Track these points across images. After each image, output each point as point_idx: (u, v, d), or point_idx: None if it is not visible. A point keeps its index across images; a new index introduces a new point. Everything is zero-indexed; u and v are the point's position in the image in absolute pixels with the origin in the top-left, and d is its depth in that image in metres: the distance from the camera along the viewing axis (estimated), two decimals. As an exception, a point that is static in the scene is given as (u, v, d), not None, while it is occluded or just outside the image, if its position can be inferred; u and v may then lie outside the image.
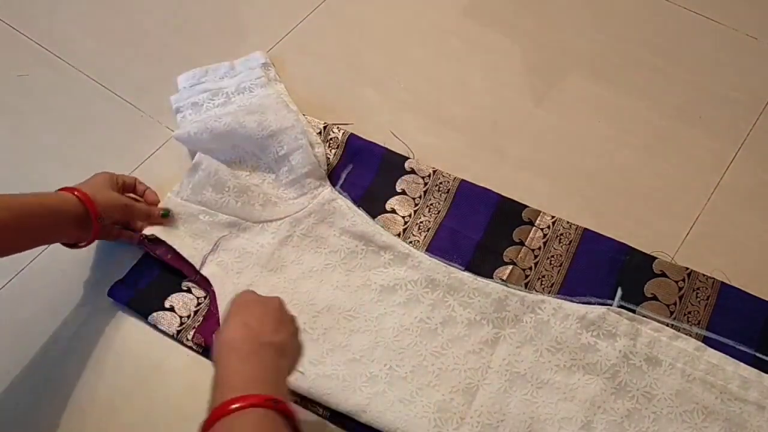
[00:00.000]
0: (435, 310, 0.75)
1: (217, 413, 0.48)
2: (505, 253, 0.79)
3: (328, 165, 0.86)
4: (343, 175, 0.85)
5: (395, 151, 0.86)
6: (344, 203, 0.81)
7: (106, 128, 0.92)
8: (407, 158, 0.86)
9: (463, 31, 1.00)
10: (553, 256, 0.78)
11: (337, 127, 0.88)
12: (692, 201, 0.83)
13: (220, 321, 0.70)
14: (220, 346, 0.55)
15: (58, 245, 0.78)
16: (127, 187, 0.81)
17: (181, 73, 0.94)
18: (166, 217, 0.80)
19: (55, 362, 0.75)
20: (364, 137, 0.88)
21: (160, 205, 0.82)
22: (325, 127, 0.88)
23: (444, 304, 0.75)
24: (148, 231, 0.79)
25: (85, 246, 0.75)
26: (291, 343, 0.58)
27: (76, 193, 0.72)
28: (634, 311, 0.74)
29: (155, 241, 0.78)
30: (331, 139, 0.88)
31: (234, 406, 0.48)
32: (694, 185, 0.85)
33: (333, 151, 0.87)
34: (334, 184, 0.84)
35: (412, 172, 0.85)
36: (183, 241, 0.79)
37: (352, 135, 0.87)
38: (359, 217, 0.80)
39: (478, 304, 0.74)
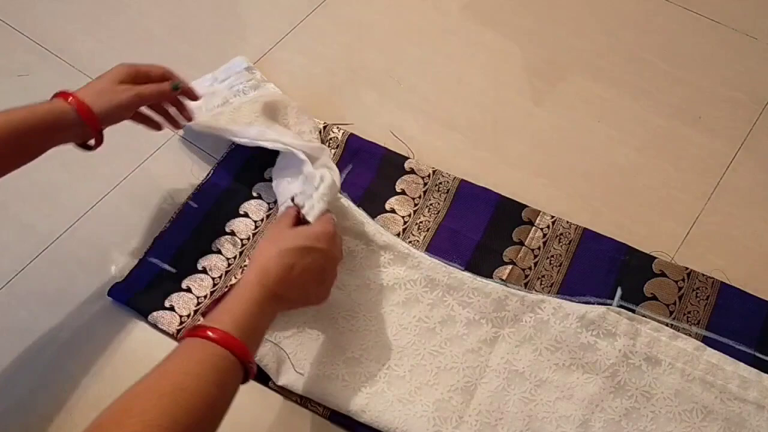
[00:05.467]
0: (434, 309, 0.75)
1: (196, 331, 0.55)
2: (504, 253, 0.79)
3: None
4: (343, 175, 0.85)
5: (395, 151, 0.87)
6: (344, 203, 0.81)
7: (106, 128, 0.92)
8: (407, 158, 0.86)
9: (463, 31, 1.00)
10: (552, 256, 0.78)
11: (337, 127, 0.88)
12: (692, 201, 0.83)
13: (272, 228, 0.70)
14: (256, 263, 0.62)
15: (57, 252, 0.78)
16: (153, 78, 0.75)
17: (181, 73, 0.94)
18: (177, 90, 0.76)
19: (54, 362, 0.75)
20: (364, 137, 0.88)
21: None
22: (324, 127, 0.88)
23: (443, 304, 0.75)
24: (193, 124, 0.80)
25: (95, 148, 0.72)
26: (310, 300, 0.67)
27: (70, 99, 0.67)
28: (633, 311, 0.74)
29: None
30: (330, 139, 0.88)
31: (210, 334, 0.55)
32: (694, 185, 0.85)
33: (333, 151, 0.87)
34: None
35: (412, 172, 0.85)
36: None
37: (352, 135, 0.88)
38: (359, 217, 0.80)
39: (477, 304, 0.74)
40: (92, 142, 0.72)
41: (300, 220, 0.69)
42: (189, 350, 0.55)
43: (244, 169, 0.86)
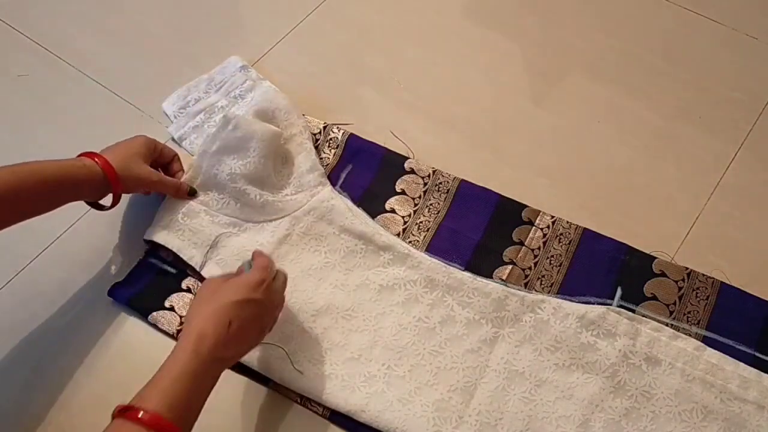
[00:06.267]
0: (434, 309, 0.75)
1: (127, 413, 0.54)
2: (504, 253, 0.79)
3: (327, 165, 0.86)
4: (343, 175, 0.85)
5: (395, 151, 0.87)
6: (343, 203, 0.81)
7: (106, 128, 0.92)
8: (407, 158, 0.86)
9: (463, 31, 1.00)
10: (552, 256, 0.78)
11: (337, 127, 0.88)
12: (692, 201, 0.83)
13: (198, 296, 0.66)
14: (192, 332, 0.59)
15: (57, 252, 0.78)
16: (164, 157, 0.81)
17: (181, 72, 0.95)
18: (193, 196, 0.81)
19: (54, 362, 0.75)
20: (364, 137, 0.88)
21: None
22: (324, 127, 0.88)
23: (443, 304, 0.75)
24: (147, 237, 0.79)
25: (109, 209, 0.76)
26: (250, 348, 0.65)
27: (96, 159, 0.70)
28: (633, 311, 0.74)
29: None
30: (330, 139, 0.88)
31: (141, 415, 0.53)
32: (694, 185, 0.85)
33: (333, 151, 0.87)
34: (333, 184, 0.84)
35: (412, 172, 0.85)
36: (183, 242, 0.79)
37: (351, 135, 0.88)
38: (359, 217, 0.80)
39: (477, 304, 0.74)
40: (107, 202, 0.75)
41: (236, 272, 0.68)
42: None
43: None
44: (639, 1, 1.02)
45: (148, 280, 0.78)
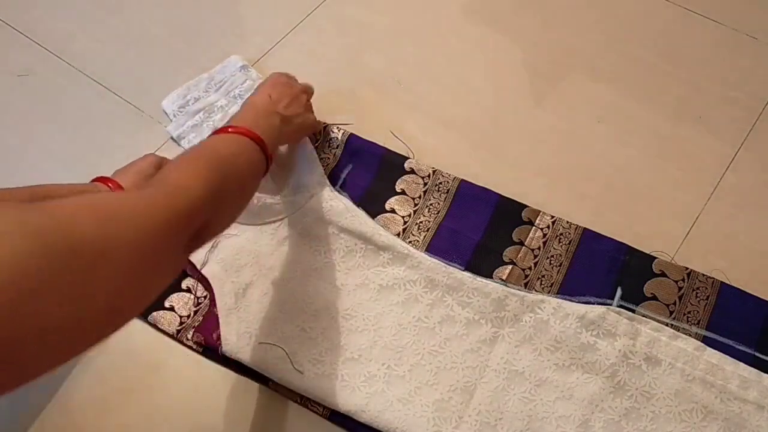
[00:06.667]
0: (433, 309, 0.75)
1: (216, 131, 0.67)
2: (504, 253, 0.79)
3: (327, 165, 0.86)
4: (343, 175, 0.85)
5: (395, 151, 0.87)
6: (342, 203, 0.81)
7: (106, 128, 0.92)
8: (407, 158, 0.86)
9: (463, 31, 1.00)
10: (552, 256, 0.78)
11: (337, 127, 0.88)
12: (692, 201, 0.83)
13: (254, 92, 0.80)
14: (246, 105, 0.74)
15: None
16: None
17: (181, 72, 0.95)
18: None
19: (54, 362, 0.75)
20: (364, 137, 0.88)
21: None
22: (324, 127, 0.88)
23: (443, 304, 0.75)
24: None
25: None
26: (297, 117, 0.79)
27: (110, 185, 0.70)
28: (633, 311, 0.74)
29: None
30: (330, 139, 0.88)
31: (230, 129, 0.66)
32: (694, 185, 0.84)
33: (332, 151, 0.87)
34: (333, 184, 0.84)
35: (412, 172, 0.85)
36: None
37: (351, 135, 0.88)
38: (358, 217, 0.80)
39: (477, 304, 0.74)
40: None
41: None
42: (214, 138, 0.66)
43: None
44: (639, 1, 1.02)
45: (148, 280, 0.78)
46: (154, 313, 0.76)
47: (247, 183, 0.64)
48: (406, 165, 0.85)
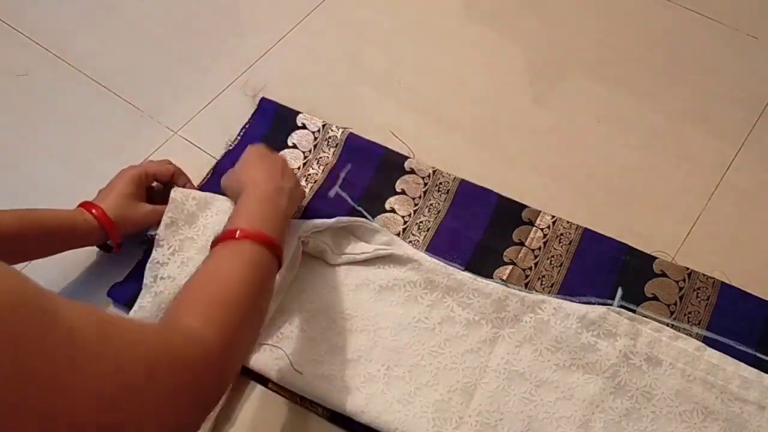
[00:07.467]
0: (433, 310, 0.75)
1: (224, 236, 0.61)
2: (505, 254, 0.79)
3: (327, 164, 0.86)
4: (342, 175, 0.85)
5: (395, 150, 0.86)
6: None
7: (106, 128, 0.92)
8: (407, 158, 0.86)
9: (463, 31, 1.00)
10: (553, 256, 0.78)
11: (336, 126, 0.88)
12: (692, 201, 0.83)
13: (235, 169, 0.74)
14: (246, 184, 0.68)
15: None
16: (162, 177, 0.80)
17: (181, 72, 0.95)
18: None
19: (54, 362, 0.75)
20: (363, 137, 0.87)
21: None
22: (324, 126, 0.88)
23: (443, 305, 0.75)
24: (152, 231, 0.78)
25: (116, 253, 0.77)
26: (295, 189, 0.73)
27: (94, 211, 0.72)
28: (634, 311, 0.74)
29: None
30: (329, 137, 0.88)
31: (237, 234, 0.60)
32: (694, 185, 0.84)
33: (332, 150, 0.87)
34: (332, 184, 0.84)
35: (412, 172, 0.85)
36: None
37: (351, 134, 0.87)
38: (358, 217, 0.80)
39: (477, 305, 0.74)
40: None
41: None
42: (223, 252, 0.60)
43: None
44: (639, 1, 1.01)
45: (147, 280, 0.78)
46: (154, 314, 0.76)
47: (263, 307, 0.60)
48: (406, 165, 0.85)
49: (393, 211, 0.82)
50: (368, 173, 0.85)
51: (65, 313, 0.39)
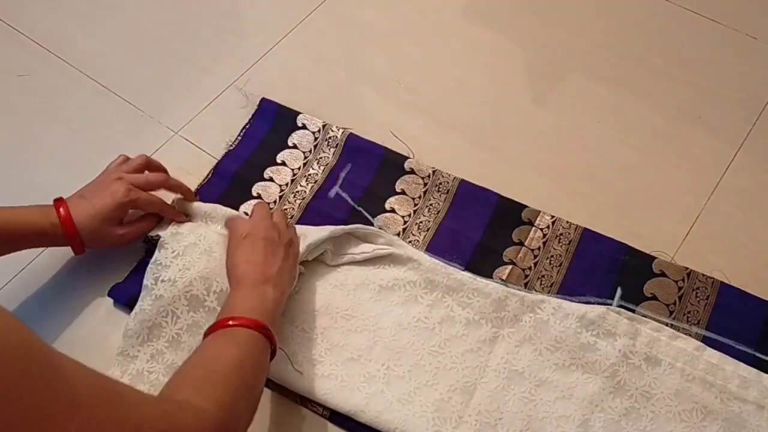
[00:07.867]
0: (433, 310, 0.75)
1: (217, 326, 0.62)
2: (504, 253, 0.79)
3: (327, 164, 0.86)
4: (342, 175, 0.85)
5: (395, 150, 0.86)
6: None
7: (106, 128, 0.92)
8: (407, 158, 0.86)
9: (463, 31, 1.00)
10: (552, 256, 0.78)
11: (336, 126, 0.88)
12: (692, 201, 0.83)
13: (227, 252, 0.73)
14: (235, 276, 0.68)
15: (57, 252, 0.78)
16: (151, 186, 0.77)
17: (181, 72, 0.95)
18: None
19: (54, 362, 0.75)
20: (363, 137, 0.88)
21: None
22: (324, 126, 0.88)
23: (443, 305, 0.75)
24: (153, 233, 0.78)
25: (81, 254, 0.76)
26: (284, 270, 0.70)
27: (61, 211, 0.71)
28: (633, 311, 0.74)
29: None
30: (329, 137, 0.88)
31: (231, 323, 0.62)
32: (694, 185, 0.84)
33: (332, 150, 0.87)
34: (333, 184, 0.84)
35: (412, 172, 0.85)
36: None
37: (351, 134, 0.88)
38: (356, 225, 0.80)
39: (477, 305, 0.74)
40: None
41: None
42: (217, 338, 0.62)
43: (243, 171, 0.86)
44: (639, 1, 1.02)
45: (148, 280, 0.78)
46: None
47: (257, 386, 0.61)
48: (406, 165, 0.85)
49: (393, 211, 0.82)
50: (368, 173, 0.85)
51: (71, 374, 0.42)
